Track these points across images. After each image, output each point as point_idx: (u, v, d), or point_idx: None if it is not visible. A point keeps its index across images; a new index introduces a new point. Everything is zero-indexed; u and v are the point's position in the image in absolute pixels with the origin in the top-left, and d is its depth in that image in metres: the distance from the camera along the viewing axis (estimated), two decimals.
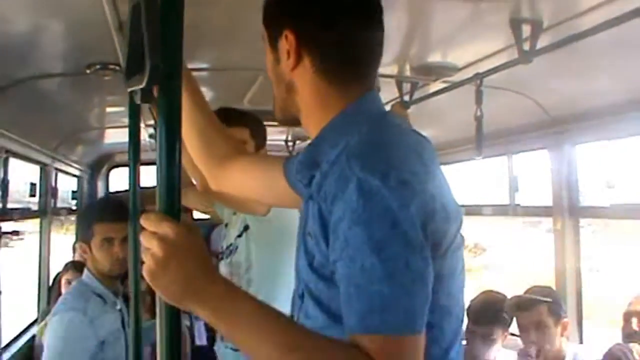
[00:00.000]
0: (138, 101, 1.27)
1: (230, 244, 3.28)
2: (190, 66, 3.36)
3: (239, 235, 3.21)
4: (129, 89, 1.32)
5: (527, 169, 4.24)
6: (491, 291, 3.85)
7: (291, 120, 1.63)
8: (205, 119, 1.95)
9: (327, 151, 1.45)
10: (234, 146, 2.00)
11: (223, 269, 3.28)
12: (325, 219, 1.33)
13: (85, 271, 3.23)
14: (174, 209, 1.27)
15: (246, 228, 3.17)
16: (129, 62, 1.33)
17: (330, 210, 1.30)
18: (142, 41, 1.20)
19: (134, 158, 2.67)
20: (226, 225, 3.47)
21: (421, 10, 2.46)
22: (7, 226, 4.11)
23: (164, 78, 1.21)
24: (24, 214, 4.89)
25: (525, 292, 3.47)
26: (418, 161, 1.35)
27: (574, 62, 2.84)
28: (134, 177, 2.81)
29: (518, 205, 4.13)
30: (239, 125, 3.11)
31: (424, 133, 1.55)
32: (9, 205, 3.96)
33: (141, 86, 1.22)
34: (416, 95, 3.60)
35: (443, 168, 1.47)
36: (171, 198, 1.27)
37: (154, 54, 1.19)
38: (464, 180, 5.33)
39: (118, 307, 3.19)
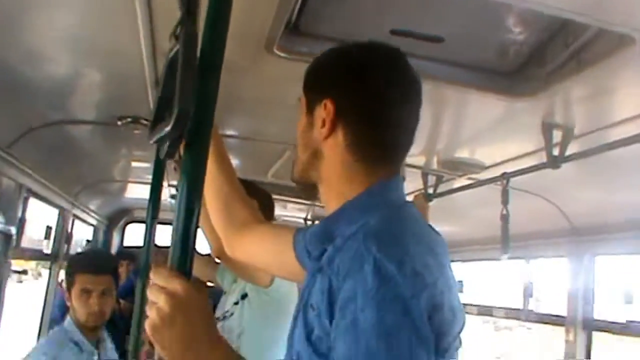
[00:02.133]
0: (162, 155, 1.25)
1: (226, 311, 3.30)
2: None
3: (236, 303, 3.23)
4: (152, 139, 1.29)
5: (543, 275, 4.19)
6: None
7: (308, 187, 1.60)
8: (230, 185, 1.95)
9: (344, 227, 1.43)
10: (254, 214, 1.99)
11: None
12: (334, 295, 1.28)
13: (67, 317, 3.17)
14: (185, 267, 1.25)
15: (244, 296, 3.20)
16: (157, 113, 1.31)
17: (340, 287, 1.27)
18: (174, 92, 1.17)
19: (152, 214, 2.67)
20: (225, 293, 3.50)
21: (454, 105, 2.48)
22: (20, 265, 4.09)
23: (191, 128, 1.19)
24: (36, 255, 4.89)
25: None
26: (431, 256, 1.34)
27: (602, 173, 2.83)
28: (150, 233, 2.82)
29: (531, 311, 4.07)
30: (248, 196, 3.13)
31: (445, 228, 1.53)
32: (23, 245, 3.95)
33: (166, 130, 1.18)
34: (440, 188, 3.60)
35: (460, 265, 1.45)
36: (184, 256, 1.25)
37: (184, 99, 1.15)
38: (477, 279, 5.27)
39: (95, 357, 3.13)
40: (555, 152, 2.50)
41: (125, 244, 7.53)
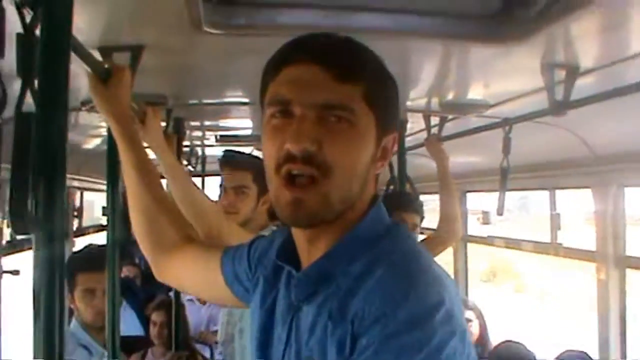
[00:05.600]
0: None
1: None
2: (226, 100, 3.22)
3: None
4: None
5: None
6: (514, 343, 3.55)
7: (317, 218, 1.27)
8: (157, 202, 1.75)
9: (345, 265, 1.24)
10: (184, 235, 1.78)
11: (220, 317, 3.24)
12: (354, 338, 1.14)
13: (73, 320, 2.98)
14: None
15: None
16: None
17: (364, 331, 1.13)
18: None
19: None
20: None
21: (444, 54, 2.24)
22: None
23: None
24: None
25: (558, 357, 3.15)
26: (456, 294, 1.20)
27: (621, 101, 2.51)
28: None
29: (560, 244, 3.80)
30: (242, 169, 2.86)
31: (462, 158, 1.28)
32: None
33: None
34: (444, 132, 3.39)
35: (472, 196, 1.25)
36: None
37: None
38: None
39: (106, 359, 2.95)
40: (559, 94, 2.22)
41: None
